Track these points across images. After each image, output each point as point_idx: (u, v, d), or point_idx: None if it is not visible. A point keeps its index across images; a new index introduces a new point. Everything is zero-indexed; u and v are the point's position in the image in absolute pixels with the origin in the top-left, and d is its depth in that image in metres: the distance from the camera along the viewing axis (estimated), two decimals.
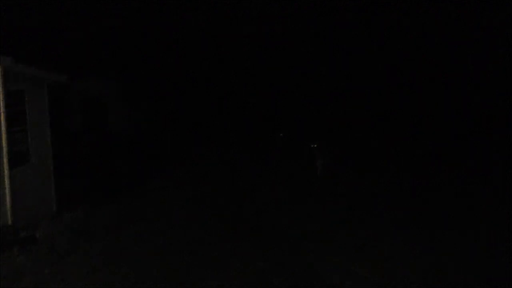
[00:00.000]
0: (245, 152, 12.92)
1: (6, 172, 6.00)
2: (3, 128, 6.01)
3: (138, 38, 11.45)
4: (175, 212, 7.70)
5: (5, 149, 6.01)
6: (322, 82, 16.44)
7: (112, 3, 10.84)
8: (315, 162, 10.68)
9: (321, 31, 16.00)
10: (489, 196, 8.03)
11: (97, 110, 9.20)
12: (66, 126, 8.07)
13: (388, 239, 6.05)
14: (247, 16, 14.77)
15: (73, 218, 6.97)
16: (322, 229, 6.56)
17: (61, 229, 6.46)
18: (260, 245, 5.90)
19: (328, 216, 7.31)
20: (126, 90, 10.19)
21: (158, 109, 12.17)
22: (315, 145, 10.91)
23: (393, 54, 14.91)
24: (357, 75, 16.02)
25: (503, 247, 5.46)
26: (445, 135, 12.55)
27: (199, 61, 13.73)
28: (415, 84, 14.83)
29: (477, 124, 12.13)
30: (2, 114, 5.97)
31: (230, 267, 5.12)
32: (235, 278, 4.81)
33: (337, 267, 5.08)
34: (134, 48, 11.06)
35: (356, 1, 15.34)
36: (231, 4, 14.32)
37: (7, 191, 6.00)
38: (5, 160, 5.99)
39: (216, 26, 14.01)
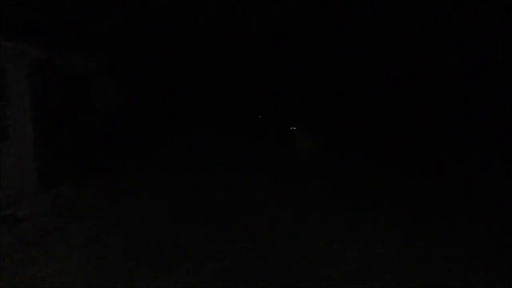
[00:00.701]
0: (223, 134, 12.99)
1: None
2: None
3: (124, 14, 11.18)
4: (157, 191, 7.78)
5: None
6: (303, 65, 16.39)
7: None
8: (294, 144, 10.89)
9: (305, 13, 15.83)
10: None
11: (81, 88, 9.07)
12: (48, 104, 7.95)
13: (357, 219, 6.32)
14: None
15: (56, 197, 6.98)
16: (296, 212, 6.78)
17: (44, 208, 6.49)
18: (233, 227, 6.09)
19: (302, 199, 7.50)
20: (111, 67, 10.07)
21: (143, 89, 12.08)
22: (294, 128, 11.09)
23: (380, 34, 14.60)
24: (341, 59, 15.81)
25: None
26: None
27: (181, 43, 13.53)
28: (406, 69, 14.57)
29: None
30: None
31: (209, 246, 5.32)
32: (213, 256, 5.02)
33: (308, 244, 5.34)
34: (119, 24, 10.83)
35: None
36: None
37: None
38: None
39: (197, 8, 13.74)
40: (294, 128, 11.02)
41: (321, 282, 4.48)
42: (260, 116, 13.91)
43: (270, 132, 12.79)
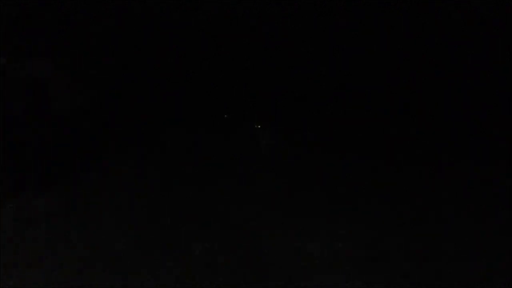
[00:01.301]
0: (185, 136, 12.85)
1: None
2: None
3: (80, 14, 11.01)
4: (119, 197, 7.76)
5: None
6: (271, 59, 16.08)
7: None
8: (260, 143, 10.92)
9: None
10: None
11: (41, 93, 8.93)
12: (6, 112, 7.84)
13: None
14: None
15: (16, 206, 6.94)
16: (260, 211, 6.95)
17: (5, 218, 6.46)
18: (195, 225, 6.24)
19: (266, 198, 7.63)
20: (70, 71, 9.94)
21: (109, 91, 11.93)
22: (259, 126, 11.11)
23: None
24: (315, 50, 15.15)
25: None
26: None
27: (141, 36, 13.28)
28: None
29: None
30: None
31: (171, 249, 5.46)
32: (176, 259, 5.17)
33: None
34: (75, 26, 10.67)
35: None
36: None
37: None
38: None
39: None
40: (259, 126, 11.04)
41: None
42: (226, 116, 13.75)
43: (235, 131, 12.66)
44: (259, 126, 10.88)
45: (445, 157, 10.00)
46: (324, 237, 5.83)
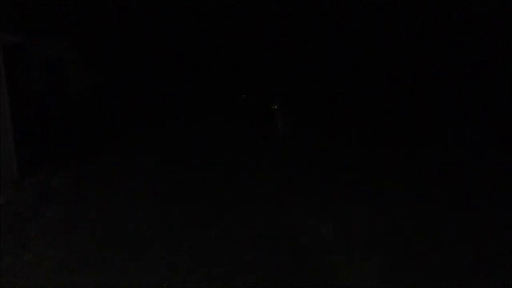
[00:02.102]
0: (205, 116, 12.79)
1: None
2: None
3: None
4: (137, 174, 7.90)
5: None
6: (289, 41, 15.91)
7: None
8: (276, 124, 10.90)
9: None
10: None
11: (57, 72, 9.05)
12: (25, 89, 7.96)
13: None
14: None
15: (36, 183, 7.12)
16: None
17: (24, 195, 6.65)
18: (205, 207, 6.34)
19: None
20: (89, 51, 10.02)
21: (124, 72, 12.00)
22: (276, 106, 11.08)
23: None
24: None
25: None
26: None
27: (160, 26, 13.27)
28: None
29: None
30: None
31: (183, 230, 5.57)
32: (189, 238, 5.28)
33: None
34: (93, 6, 10.69)
35: None
36: None
37: None
38: None
39: None
40: (275, 106, 11.00)
41: None
42: (244, 96, 13.60)
43: (253, 112, 12.55)
44: (275, 107, 10.84)
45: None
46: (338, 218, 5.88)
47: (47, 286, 4.41)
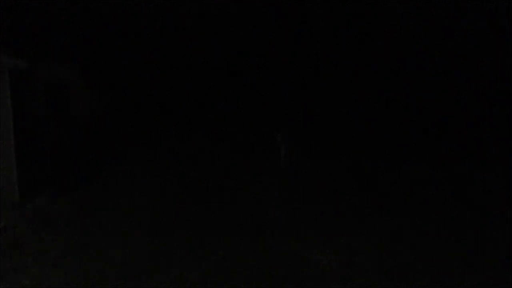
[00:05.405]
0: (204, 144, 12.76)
1: None
2: None
3: (101, 21, 11.14)
4: (137, 200, 7.74)
5: None
6: (289, 64, 15.75)
7: None
8: (279, 153, 10.79)
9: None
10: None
11: (60, 96, 9.06)
12: (28, 113, 7.92)
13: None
14: None
15: (36, 207, 6.98)
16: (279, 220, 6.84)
17: (24, 220, 6.49)
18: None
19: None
20: (91, 76, 10.06)
21: (125, 96, 12.02)
22: (279, 134, 11.00)
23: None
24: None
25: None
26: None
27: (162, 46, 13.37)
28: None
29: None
30: None
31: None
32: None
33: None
34: (97, 31, 10.81)
35: None
36: None
37: None
38: None
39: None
40: (279, 134, 10.89)
41: None
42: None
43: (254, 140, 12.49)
44: (279, 135, 10.77)
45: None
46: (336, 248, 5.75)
47: None
